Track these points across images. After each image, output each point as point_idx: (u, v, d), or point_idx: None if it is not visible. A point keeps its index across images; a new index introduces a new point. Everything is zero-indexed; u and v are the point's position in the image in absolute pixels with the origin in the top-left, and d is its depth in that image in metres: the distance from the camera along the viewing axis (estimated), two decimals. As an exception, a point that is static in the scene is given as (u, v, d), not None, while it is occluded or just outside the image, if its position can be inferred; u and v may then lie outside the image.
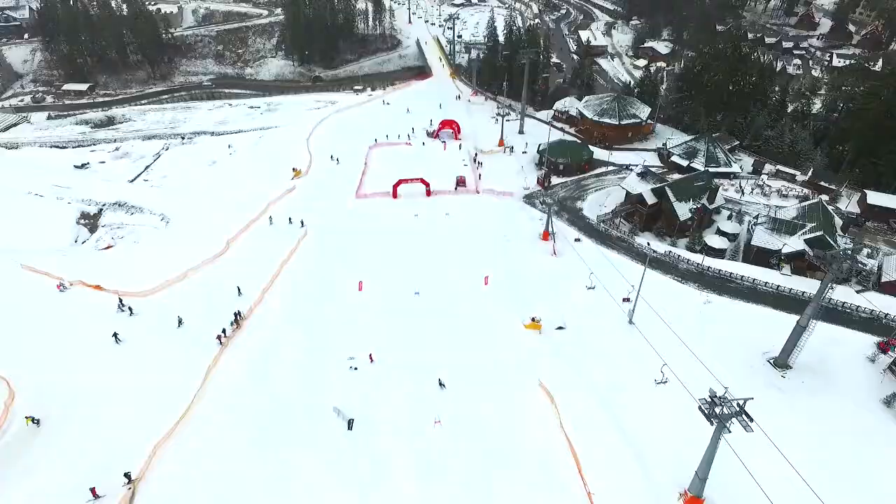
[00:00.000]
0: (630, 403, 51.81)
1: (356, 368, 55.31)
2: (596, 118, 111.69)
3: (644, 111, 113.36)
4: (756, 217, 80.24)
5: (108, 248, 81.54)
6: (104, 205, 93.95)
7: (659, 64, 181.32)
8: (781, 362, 56.23)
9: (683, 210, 79.73)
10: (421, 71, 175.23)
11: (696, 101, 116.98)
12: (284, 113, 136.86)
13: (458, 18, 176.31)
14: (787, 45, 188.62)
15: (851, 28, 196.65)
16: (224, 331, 59.09)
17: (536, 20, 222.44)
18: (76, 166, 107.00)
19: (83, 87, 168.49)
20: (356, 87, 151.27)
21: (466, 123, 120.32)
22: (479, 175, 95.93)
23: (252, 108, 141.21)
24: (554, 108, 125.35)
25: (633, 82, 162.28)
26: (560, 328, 61.61)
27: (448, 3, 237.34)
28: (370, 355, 56.04)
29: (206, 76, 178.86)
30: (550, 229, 78.06)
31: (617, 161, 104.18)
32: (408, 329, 60.83)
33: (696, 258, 74.03)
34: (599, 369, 56.16)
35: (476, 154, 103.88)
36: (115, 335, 57.00)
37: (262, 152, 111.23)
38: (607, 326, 62.09)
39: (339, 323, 61.95)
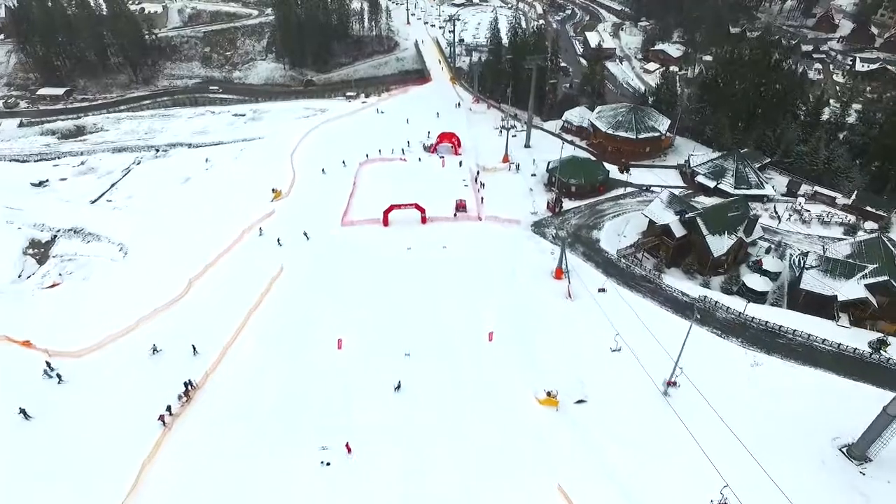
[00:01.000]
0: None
1: (328, 463, 43.76)
2: (611, 131, 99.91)
3: (663, 123, 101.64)
4: (804, 255, 68.48)
5: (53, 286, 70.07)
6: (58, 231, 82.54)
7: (671, 68, 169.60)
8: (859, 453, 44.74)
9: (718, 245, 68.02)
10: (420, 75, 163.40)
11: (720, 112, 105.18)
12: (270, 122, 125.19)
13: (458, 19, 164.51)
14: (805, 48, 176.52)
15: (874, 30, 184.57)
16: (169, 408, 47.63)
17: (540, 21, 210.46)
18: (33, 184, 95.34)
19: (59, 91, 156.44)
20: (349, 94, 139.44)
21: (467, 135, 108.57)
22: (482, 198, 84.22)
23: (236, 115, 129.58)
24: (563, 118, 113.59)
25: (645, 89, 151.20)
26: (580, 402, 50.13)
27: (448, 2, 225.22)
28: (347, 445, 44.53)
29: (192, 80, 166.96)
30: (564, 266, 66.54)
31: (634, 180, 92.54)
32: (396, 407, 49.33)
33: (737, 304, 62.38)
34: (630, 461, 44.71)
35: (478, 172, 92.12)
36: (22, 411, 45.61)
37: (242, 168, 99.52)
38: (637, 399, 50.56)
39: (310, 397, 50.38)
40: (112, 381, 51.18)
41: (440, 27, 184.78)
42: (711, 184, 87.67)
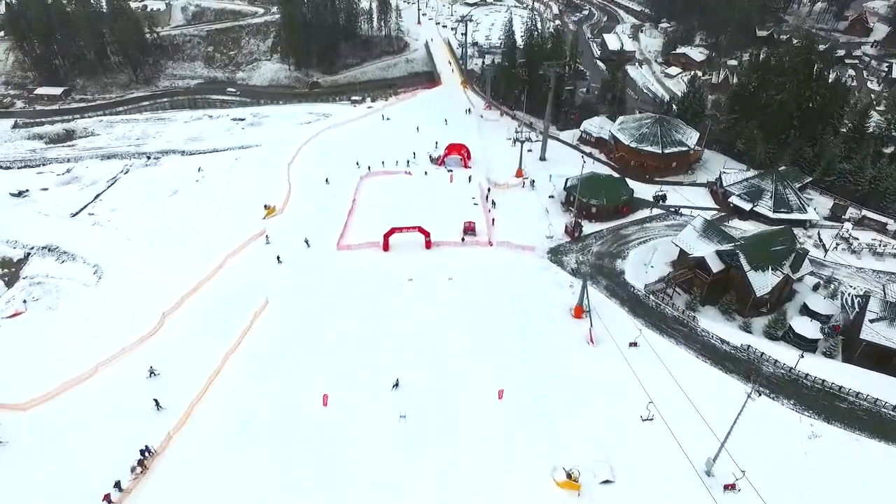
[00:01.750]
0: None
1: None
2: (634, 145, 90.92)
3: (691, 137, 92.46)
4: (862, 298, 59.36)
5: (14, 315, 62.62)
6: (32, 248, 75.42)
7: (694, 73, 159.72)
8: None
9: (762, 282, 59.05)
10: (429, 77, 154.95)
11: (752, 123, 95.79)
12: (270, 127, 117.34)
13: (470, 20, 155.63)
14: (838, 53, 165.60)
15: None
16: (118, 484, 39.87)
17: (556, 21, 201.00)
18: (12, 194, 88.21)
19: (57, 91, 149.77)
20: (354, 98, 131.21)
21: (478, 145, 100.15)
22: (493, 220, 75.76)
23: (235, 120, 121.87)
24: (581, 128, 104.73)
25: (667, 96, 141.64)
26: (607, 482, 41.74)
27: (461, 1, 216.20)
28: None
29: (194, 80, 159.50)
30: (586, 305, 58.08)
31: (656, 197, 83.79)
32: (387, 486, 41.21)
33: (787, 355, 53.58)
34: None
35: (489, 189, 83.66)
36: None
37: (236, 179, 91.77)
38: (674, 480, 42.06)
39: (289, 468, 42.42)
40: (56, 444, 43.66)
41: (452, 28, 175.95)
42: (747, 206, 78.63)
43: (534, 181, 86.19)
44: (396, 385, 49.00)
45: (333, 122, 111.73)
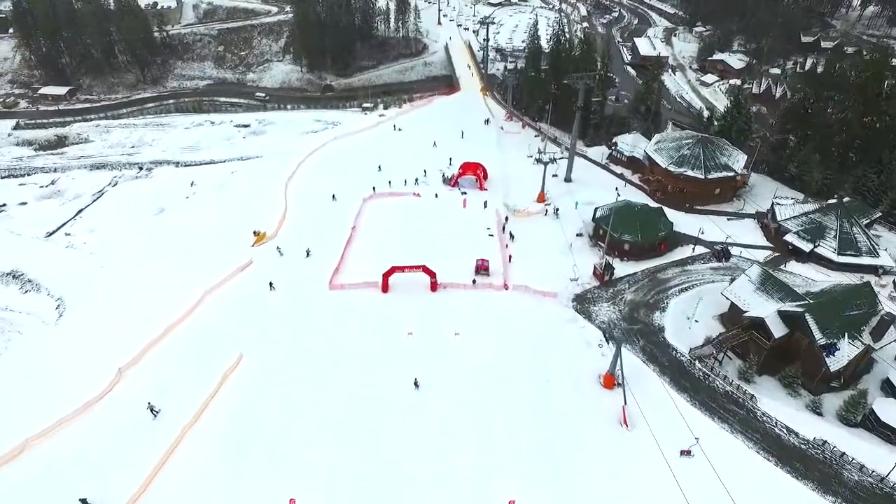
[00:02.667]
0: None
1: None
2: (672, 168, 79.38)
3: (738, 160, 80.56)
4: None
5: (-45, 361, 54.22)
6: (-5, 275, 67.18)
7: (732, 82, 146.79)
8: None
9: (836, 353, 47.73)
10: (448, 82, 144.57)
11: (808, 145, 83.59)
12: (274, 135, 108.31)
13: (492, 22, 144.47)
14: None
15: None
16: None
17: (584, 24, 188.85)
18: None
19: (62, 90, 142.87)
20: (365, 105, 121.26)
21: (496, 162, 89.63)
22: (509, 256, 65.22)
23: (238, 127, 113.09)
24: (611, 145, 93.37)
25: (703, 107, 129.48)
26: None
27: (485, 2, 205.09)
28: None
29: (203, 81, 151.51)
30: (618, 375, 47.47)
31: (697, 226, 72.23)
32: None
33: (874, 456, 42.28)
34: None
35: (506, 218, 73.13)
36: None
37: (229, 196, 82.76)
38: None
39: None
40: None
41: (474, 31, 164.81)
42: (806, 246, 66.80)
43: (557, 209, 75.24)
44: (380, 492, 39.00)
45: (340, 133, 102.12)
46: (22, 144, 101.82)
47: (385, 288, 59.81)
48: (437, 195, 79.49)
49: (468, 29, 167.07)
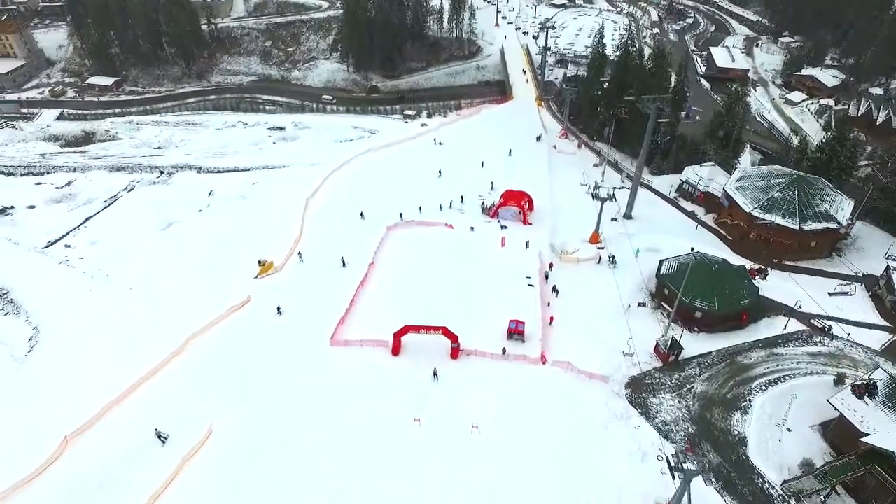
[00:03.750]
0: None
1: None
2: (759, 213, 64.85)
3: (843, 207, 65.22)
4: None
5: None
6: (-21, 291, 60.50)
7: (823, 101, 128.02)
8: None
9: None
10: (500, 89, 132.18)
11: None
12: (306, 142, 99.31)
13: (552, 27, 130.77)
14: None
15: None
16: None
17: (654, 30, 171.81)
18: (-6, 212, 74.83)
19: (108, 81, 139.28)
20: (407, 113, 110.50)
21: (544, 189, 77.44)
22: (551, 318, 53.05)
23: (272, 129, 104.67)
24: (682, 176, 79.20)
25: (789, 130, 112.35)
26: None
27: (547, 2, 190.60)
28: None
29: (248, 77, 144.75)
30: (684, 514, 34.89)
31: (781, 290, 57.69)
32: None
33: None
34: None
35: (550, 265, 60.85)
36: None
37: (243, 213, 73.89)
38: None
39: None
40: None
41: (534, 36, 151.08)
42: (937, 332, 51.63)
43: (613, 257, 62.24)
44: None
45: (376, 144, 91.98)
46: (48, 140, 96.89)
47: (396, 350, 48.99)
48: (472, 228, 67.92)
49: (527, 33, 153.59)
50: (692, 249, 57.23)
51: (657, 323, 53.73)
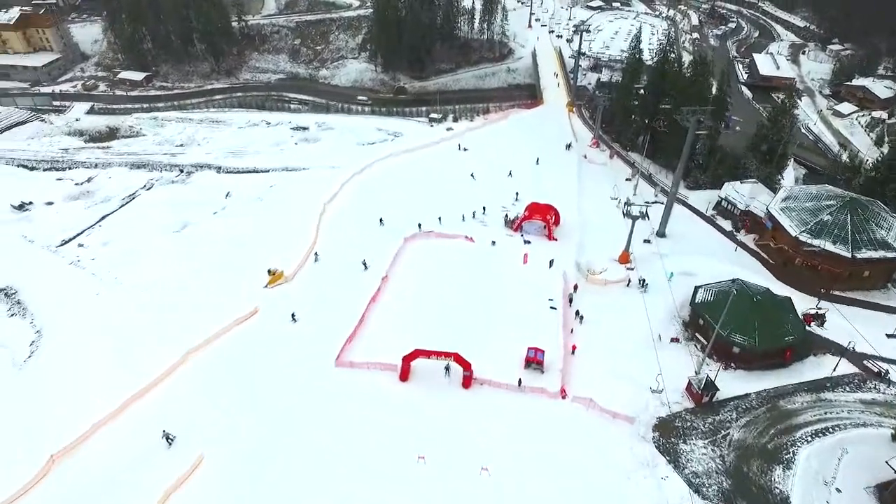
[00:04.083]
0: None
1: None
2: (806, 237, 59.44)
3: (901, 233, 59.42)
4: None
5: None
6: (-12, 290, 59.36)
7: (875, 114, 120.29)
8: None
9: None
10: (530, 93, 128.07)
11: None
12: (328, 144, 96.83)
13: (587, 30, 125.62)
14: None
15: None
16: None
17: (694, 34, 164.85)
18: (14, 207, 74.01)
19: (139, 76, 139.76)
20: (432, 116, 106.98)
21: (572, 201, 73.28)
22: (573, 347, 48.96)
23: (295, 129, 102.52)
24: (721, 193, 73.88)
25: (837, 144, 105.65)
26: None
27: (583, 4, 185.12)
28: None
29: (276, 75, 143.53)
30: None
31: (833, 326, 52.38)
32: None
33: None
34: None
35: (575, 287, 56.66)
36: None
37: (259, 216, 71.54)
38: None
39: None
40: None
41: (568, 39, 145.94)
42: None
43: (644, 280, 57.67)
44: None
45: (396, 149, 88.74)
46: (73, 134, 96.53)
47: (405, 375, 45.59)
48: (494, 242, 64.03)
49: (560, 36, 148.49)
50: (734, 281, 52.14)
51: (690, 356, 49.11)
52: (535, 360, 46.34)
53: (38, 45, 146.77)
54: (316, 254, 61.41)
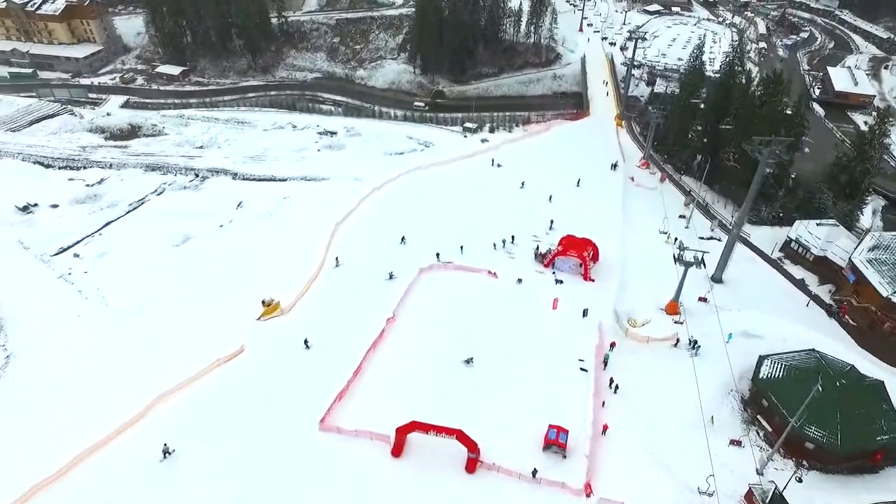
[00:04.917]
0: None
1: None
2: (900, 300, 48.66)
3: None
4: None
5: None
6: (-32, 303, 54.97)
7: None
8: None
9: None
10: (577, 102, 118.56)
11: None
12: (353, 151, 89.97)
13: (643, 38, 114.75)
14: None
15: None
16: None
17: (761, 44, 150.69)
18: (18, 209, 70.15)
19: (176, 70, 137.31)
20: (466, 126, 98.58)
21: (614, 233, 64.06)
22: (604, 427, 40.11)
23: (322, 134, 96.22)
24: (790, 233, 63.11)
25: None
26: None
27: (639, 7, 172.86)
28: None
29: (312, 73, 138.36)
30: None
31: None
32: None
33: None
34: None
35: (612, 345, 47.63)
36: None
37: (266, 233, 65.11)
38: None
39: None
40: None
41: (622, 47, 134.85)
42: None
43: (695, 342, 48.00)
44: None
45: (424, 162, 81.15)
46: (94, 131, 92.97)
47: (398, 450, 37.87)
48: (520, 280, 55.51)
49: (614, 43, 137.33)
50: (811, 353, 42.19)
51: (750, 447, 39.56)
52: (556, 443, 37.79)
53: (83, 36, 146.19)
54: (336, 258, 57.88)
